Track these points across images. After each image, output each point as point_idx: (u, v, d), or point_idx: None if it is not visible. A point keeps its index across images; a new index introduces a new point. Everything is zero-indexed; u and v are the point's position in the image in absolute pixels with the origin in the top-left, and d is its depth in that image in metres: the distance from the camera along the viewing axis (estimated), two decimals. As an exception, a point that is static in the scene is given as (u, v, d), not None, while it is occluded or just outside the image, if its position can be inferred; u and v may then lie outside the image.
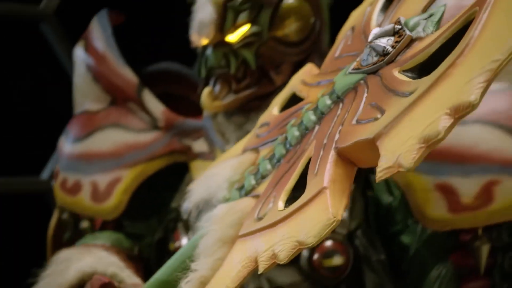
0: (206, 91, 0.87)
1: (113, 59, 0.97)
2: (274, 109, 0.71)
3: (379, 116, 0.52)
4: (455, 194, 0.75)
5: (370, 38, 0.58)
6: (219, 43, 0.85)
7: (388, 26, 0.57)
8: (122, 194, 0.93)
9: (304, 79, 0.70)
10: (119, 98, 0.98)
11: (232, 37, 0.85)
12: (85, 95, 1.00)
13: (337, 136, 0.55)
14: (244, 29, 0.85)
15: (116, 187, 0.94)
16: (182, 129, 0.94)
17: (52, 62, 1.28)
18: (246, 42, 0.85)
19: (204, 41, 0.86)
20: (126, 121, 0.97)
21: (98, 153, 0.96)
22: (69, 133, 1.00)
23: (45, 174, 1.29)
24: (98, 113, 0.99)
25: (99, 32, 0.99)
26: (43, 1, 1.26)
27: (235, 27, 0.85)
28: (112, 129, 0.97)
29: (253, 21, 0.85)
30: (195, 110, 1.00)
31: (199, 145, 0.93)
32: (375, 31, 0.58)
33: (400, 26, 0.56)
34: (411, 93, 0.51)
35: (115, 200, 0.93)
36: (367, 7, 0.68)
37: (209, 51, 0.86)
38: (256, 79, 0.86)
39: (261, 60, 0.86)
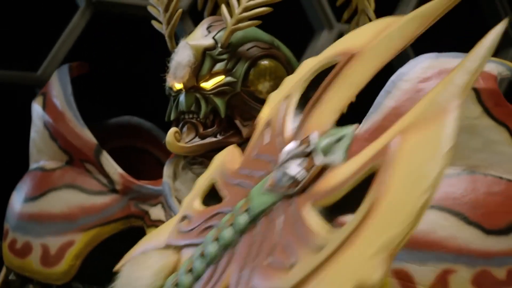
0: (171, 131, 0.85)
1: (71, 118, 0.95)
2: (196, 201, 0.69)
3: (291, 264, 0.53)
4: (412, 282, 0.73)
5: (282, 157, 0.60)
6: (192, 88, 0.86)
7: (299, 148, 0.59)
8: (74, 258, 0.91)
9: (225, 171, 0.69)
10: (76, 158, 0.95)
11: (206, 84, 0.86)
12: (42, 152, 0.98)
13: (250, 276, 0.56)
14: (219, 78, 0.86)
15: (68, 251, 0.91)
16: (140, 194, 0.92)
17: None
18: (219, 90, 0.86)
19: (178, 84, 0.86)
20: (82, 182, 0.94)
21: (51, 214, 0.93)
22: (21, 190, 0.98)
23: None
24: (53, 172, 0.96)
25: (59, 88, 0.98)
26: (40, 68, 1.29)
27: (210, 74, 0.86)
28: (67, 190, 0.94)
29: (228, 71, 0.86)
30: (156, 164, 1.02)
31: (156, 212, 0.91)
32: (288, 148, 0.60)
33: (311, 148, 0.58)
34: (321, 248, 0.52)
35: (66, 265, 0.91)
36: (282, 100, 0.68)
37: (181, 96, 0.86)
38: (223, 128, 0.86)
39: (231, 110, 0.86)
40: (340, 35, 1.48)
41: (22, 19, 1.30)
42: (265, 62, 0.88)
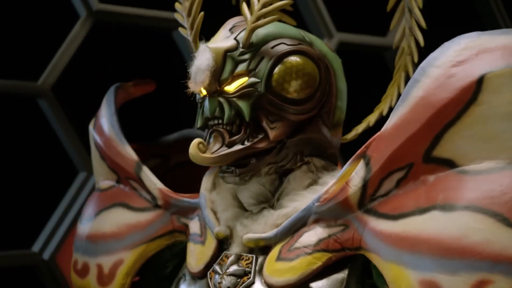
0: (194, 142, 0.79)
1: (114, 137, 0.94)
2: None
3: None
4: None
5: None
6: (215, 92, 0.80)
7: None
8: (125, 276, 0.91)
9: None
10: (122, 177, 0.95)
11: (229, 87, 0.80)
12: (98, 172, 1.00)
13: None
14: (242, 80, 0.80)
15: (118, 269, 0.92)
16: (180, 208, 0.90)
17: (49, 136, 1.30)
18: (242, 93, 0.80)
19: (199, 89, 0.80)
20: (129, 200, 0.94)
21: (103, 234, 0.94)
22: (83, 212, 0.99)
23: (35, 247, 1.29)
24: (106, 191, 0.97)
25: (105, 108, 0.97)
26: (40, 78, 1.29)
27: (233, 77, 0.80)
28: (116, 209, 0.94)
29: (251, 72, 0.80)
30: None
31: (193, 225, 0.88)
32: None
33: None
34: None
35: (118, 284, 0.91)
36: None
37: (206, 102, 0.81)
38: (251, 133, 0.80)
39: (256, 113, 0.80)
40: (340, 44, 1.49)
41: (23, 29, 1.30)
42: (292, 59, 0.80)
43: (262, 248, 0.80)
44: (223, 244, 0.84)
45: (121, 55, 1.36)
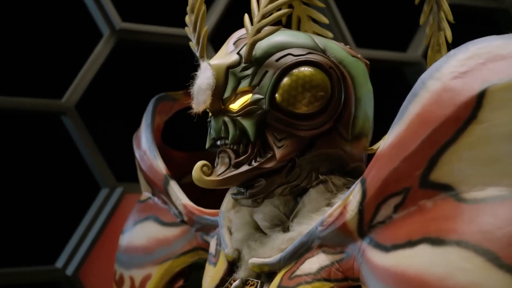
0: (198, 165, 0.75)
1: (147, 150, 0.93)
2: None
3: None
4: None
5: None
6: (219, 112, 0.75)
7: None
8: None
9: None
10: (155, 190, 0.94)
11: (233, 105, 0.75)
12: (141, 184, 0.98)
13: None
14: (245, 97, 0.75)
15: (147, 284, 0.90)
16: (202, 225, 0.87)
17: (73, 153, 1.31)
18: (246, 111, 0.74)
19: (202, 109, 0.76)
20: (161, 213, 0.92)
21: (135, 247, 0.93)
22: (125, 222, 0.98)
23: (59, 263, 1.30)
24: (144, 203, 0.96)
25: (143, 121, 0.96)
26: (64, 96, 1.29)
27: (236, 95, 0.75)
28: (148, 222, 0.93)
29: (255, 88, 0.75)
30: None
31: (211, 244, 0.84)
32: None
33: None
34: None
35: None
36: None
37: (212, 121, 0.77)
38: (258, 152, 0.75)
39: (263, 131, 0.74)
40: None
41: (47, 47, 1.32)
42: (298, 71, 0.74)
43: (268, 274, 0.75)
44: (233, 266, 0.79)
45: (143, 72, 1.37)
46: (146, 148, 0.93)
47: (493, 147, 0.59)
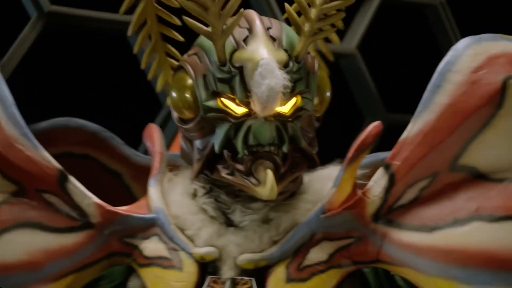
0: (272, 175, 0.68)
1: (18, 137, 0.75)
2: None
3: None
4: None
5: None
6: (272, 115, 0.70)
7: None
8: None
9: None
10: (29, 188, 0.76)
11: (283, 108, 0.71)
12: None
13: None
14: (293, 100, 0.71)
15: None
16: (127, 226, 0.76)
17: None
18: (297, 115, 0.71)
19: (270, 113, 0.69)
20: (42, 218, 0.75)
21: (8, 265, 0.74)
22: None
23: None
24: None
25: None
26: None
27: (291, 97, 0.71)
28: (21, 230, 0.74)
29: (305, 91, 0.72)
30: (99, 172, 0.85)
31: (152, 247, 0.75)
32: None
33: None
34: None
35: None
36: None
37: (256, 125, 0.70)
38: (293, 158, 0.72)
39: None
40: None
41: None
42: (320, 72, 0.74)
43: (258, 269, 0.73)
44: (205, 267, 0.74)
45: (72, 59, 1.34)
46: (14, 134, 0.75)
47: None
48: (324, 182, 0.75)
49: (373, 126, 0.70)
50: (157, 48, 0.82)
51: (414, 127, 0.69)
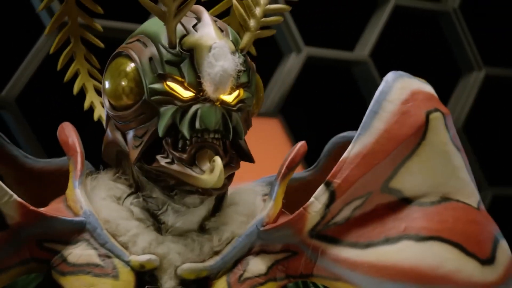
0: (220, 162, 0.67)
1: None
2: None
3: None
4: None
5: None
6: (217, 100, 0.69)
7: None
8: None
9: None
10: None
11: (227, 97, 0.70)
12: None
13: None
14: (236, 92, 0.70)
15: None
16: (49, 229, 0.69)
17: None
18: (239, 107, 0.70)
19: (219, 95, 0.68)
20: None
21: None
22: None
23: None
24: None
25: None
26: (4, 90, 1.26)
27: (236, 86, 0.70)
28: None
29: (247, 85, 0.71)
30: None
31: (80, 253, 0.69)
32: None
33: None
34: None
35: None
36: None
37: (203, 110, 0.68)
38: (231, 152, 0.71)
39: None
40: (308, 58, 1.49)
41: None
42: (256, 75, 0.74)
43: (198, 280, 0.70)
44: (142, 276, 0.69)
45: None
46: None
47: (431, 162, 0.74)
48: (253, 196, 0.75)
49: (300, 145, 0.74)
50: (76, 50, 0.82)
51: (354, 149, 0.72)
